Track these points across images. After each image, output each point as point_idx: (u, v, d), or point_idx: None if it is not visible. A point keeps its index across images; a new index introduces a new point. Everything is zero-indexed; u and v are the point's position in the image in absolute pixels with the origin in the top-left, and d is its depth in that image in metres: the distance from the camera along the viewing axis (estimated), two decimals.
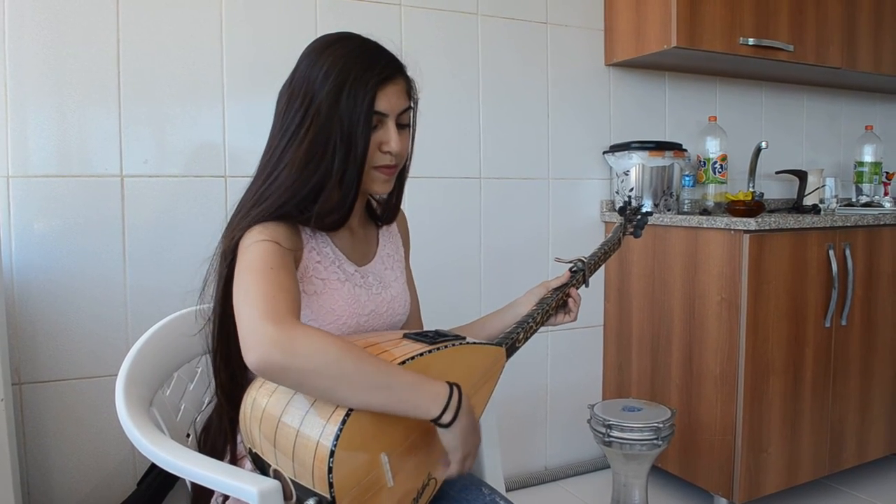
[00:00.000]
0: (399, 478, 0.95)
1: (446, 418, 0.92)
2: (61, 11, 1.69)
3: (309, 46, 1.09)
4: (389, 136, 1.06)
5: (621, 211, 1.56)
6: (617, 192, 2.41)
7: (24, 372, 1.69)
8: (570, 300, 1.30)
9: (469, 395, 1.00)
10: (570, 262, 1.35)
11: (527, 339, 1.18)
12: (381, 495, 0.93)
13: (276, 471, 0.92)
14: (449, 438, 0.94)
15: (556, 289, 1.28)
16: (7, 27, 1.65)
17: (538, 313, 1.22)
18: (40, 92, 1.68)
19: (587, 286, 1.34)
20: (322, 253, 1.09)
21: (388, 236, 1.26)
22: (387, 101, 1.05)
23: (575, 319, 1.31)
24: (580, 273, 1.32)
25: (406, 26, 2.10)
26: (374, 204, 1.25)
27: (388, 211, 1.23)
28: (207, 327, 1.11)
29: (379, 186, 1.11)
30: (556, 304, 1.26)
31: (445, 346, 1.01)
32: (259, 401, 0.94)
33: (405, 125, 1.11)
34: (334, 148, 1.03)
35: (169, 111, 1.81)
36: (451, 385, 0.94)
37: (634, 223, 1.53)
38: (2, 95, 1.65)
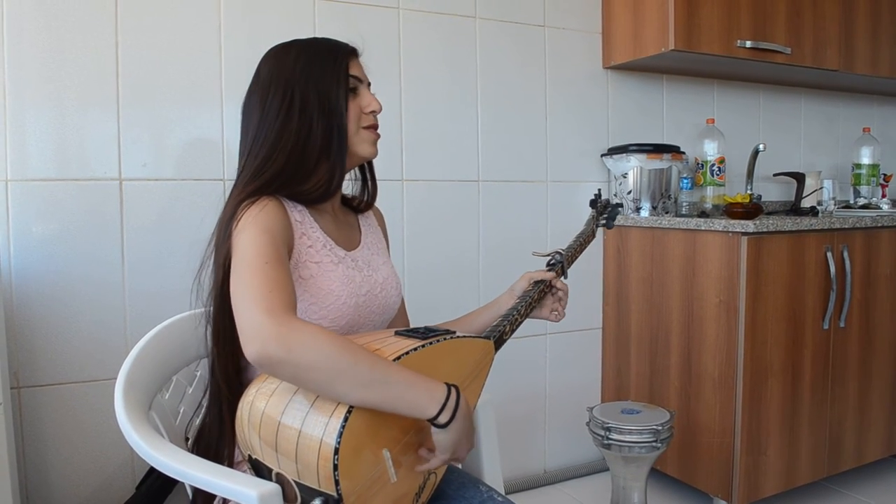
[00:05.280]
0: (401, 473, 0.96)
1: (443, 418, 0.92)
2: (60, 16, 1.69)
3: (267, 53, 1.16)
4: (368, 98, 1.14)
5: (592, 203, 1.61)
6: (615, 195, 2.41)
7: (22, 376, 1.69)
8: (558, 293, 1.33)
9: (462, 387, 1.01)
10: (548, 254, 1.40)
11: (513, 331, 1.22)
12: (386, 491, 0.94)
13: (278, 474, 0.92)
14: (442, 439, 0.95)
15: (537, 281, 1.32)
16: (6, 31, 1.65)
17: (522, 306, 1.25)
18: (39, 95, 1.69)
19: (565, 277, 1.38)
20: (312, 238, 1.11)
21: (368, 226, 1.28)
22: (357, 69, 1.15)
23: (563, 316, 1.35)
24: (558, 265, 1.37)
25: (404, 30, 2.10)
26: (349, 195, 1.28)
27: (366, 194, 1.27)
28: (210, 322, 1.11)
29: (368, 148, 1.15)
30: (538, 295, 1.29)
31: (437, 341, 1.02)
32: (257, 404, 0.94)
33: None
34: (319, 116, 1.08)
35: (168, 114, 1.81)
36: (449, 386, 0.95)
37: (606, 215, 1.58)
38: (0, 99, 1.65)
